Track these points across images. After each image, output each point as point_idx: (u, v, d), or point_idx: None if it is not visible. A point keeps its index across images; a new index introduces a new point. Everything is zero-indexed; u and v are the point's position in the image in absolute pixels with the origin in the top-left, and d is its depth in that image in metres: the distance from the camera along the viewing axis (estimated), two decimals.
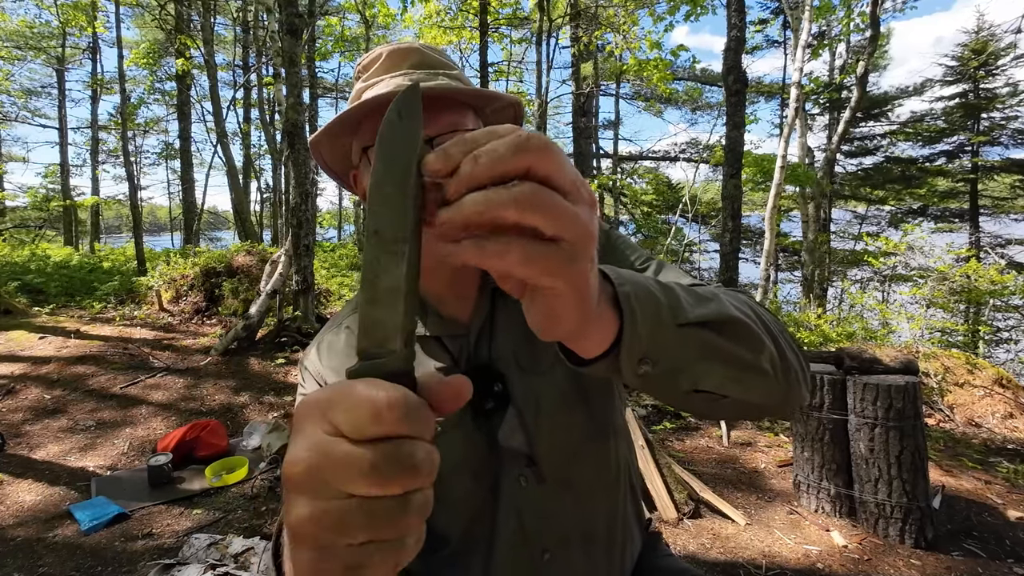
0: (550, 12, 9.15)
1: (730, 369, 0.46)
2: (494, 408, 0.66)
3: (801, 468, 2.61)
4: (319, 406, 0.26)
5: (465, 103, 0.66)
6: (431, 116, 0.61)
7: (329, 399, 0.26)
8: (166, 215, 27.57)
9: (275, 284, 5.39)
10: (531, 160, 0.27)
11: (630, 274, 0.42)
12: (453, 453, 0.65)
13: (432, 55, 0.69)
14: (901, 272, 8.77)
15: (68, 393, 4.13)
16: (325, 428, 0.26)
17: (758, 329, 0.48)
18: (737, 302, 0.50)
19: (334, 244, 17.48)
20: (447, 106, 0.63)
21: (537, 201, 0.27)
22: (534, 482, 0.66)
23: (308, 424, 0.26)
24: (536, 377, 0.68)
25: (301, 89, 5.51)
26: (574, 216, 0.28)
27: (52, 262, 8.86)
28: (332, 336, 0.76)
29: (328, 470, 0.25)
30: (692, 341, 0.43)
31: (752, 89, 15.92)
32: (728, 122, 4.83)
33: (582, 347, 0.40)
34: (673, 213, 15.52)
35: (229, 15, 15.00)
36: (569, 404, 0.68)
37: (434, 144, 0.60)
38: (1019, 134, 13.30)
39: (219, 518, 2.60)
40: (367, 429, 0.25)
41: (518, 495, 0.67)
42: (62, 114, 15.94)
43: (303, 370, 0.76)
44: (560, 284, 0.30)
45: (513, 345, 0.69)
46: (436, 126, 0.62)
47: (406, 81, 0.64)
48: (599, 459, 0.71)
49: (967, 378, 4.49)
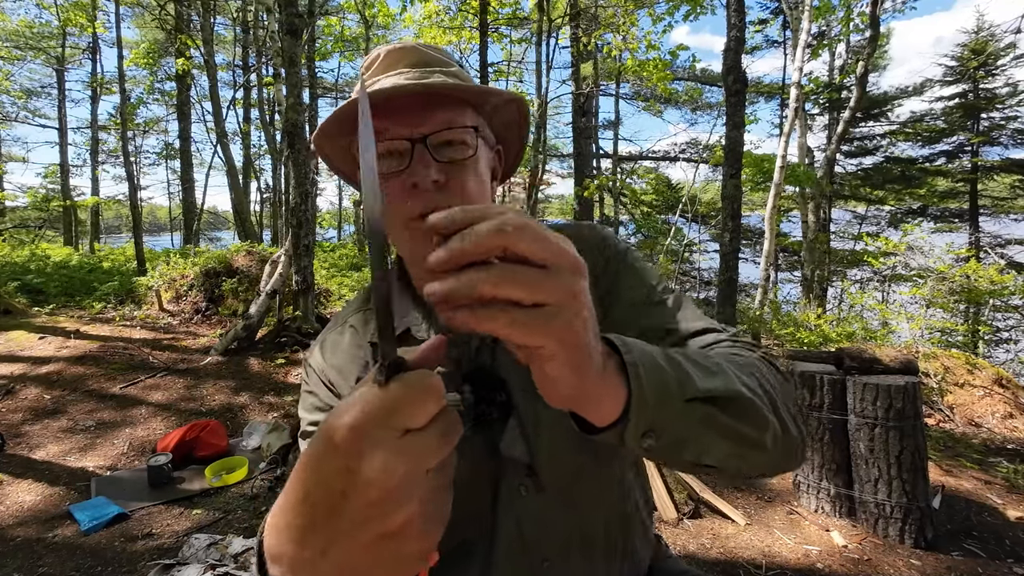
0: (550, 12, 9.15)
1: (734, 446, 0.47)
2: (496, 416, 0.65)
3: (801, 468, 2.61)
4: (374, 419, 0.30)
5: (463, 100, 0.65)
6: (424, 114, 0.61)
7: (382, 409, 0.30)
8: (166, 215, 27.56)
9: (275, 284, 5.39)
10: (507, 241, 0.31)
11: (637, 344, 0.43)
12: (452, 457, 0.64)
13: (429, 53, 0.69)
14: (901, 272, 8.76)
15: (68, 393, 4.13)
16: (395, 434, 0.30)
17: (764, 404, 0.49)
18: (744, 372, 0.50)
19: (334, 244, 17.48)
20: (440, 103, 0.62)
21: (509, 278, 0.30)
22: (534, 491, 0.66)
23: (373, 439, 0.29)
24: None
25: (301, 89, 5.51)
26: (550, 284, 0.32)
27: (52, 262, 8.86)
28: (336, 335, 0.75)
29: (419, 466, 0.30)
30: (698, 416, 0.44)
31: (752, 89, 15.93)
32: (728, 122, 4.83)
33: (593, 414, 0.41)
34: (673, 213, 15.51)
35: (229, 15, 14.99)
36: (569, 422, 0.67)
37: (427, 142, 0.60)
38: (1019, 134, 13.29)
39: (219, 518, 2.60)
40: (427, 414, 0.30)
41: (518, 504, 0.66)
42: (62, 114, 15.93)
43: (307, 368, 0.76)
44: (549, 343, 0.33)
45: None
46: (430, 123, 0.61)
47: (401, 80, 0.63)
48: (601, 477, 0.70)
49: (967, 378, 4.49)
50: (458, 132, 0.62)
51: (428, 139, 0.60)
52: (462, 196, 0.62)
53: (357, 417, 0.30)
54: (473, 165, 0.63)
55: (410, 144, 0.60)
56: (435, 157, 0.61)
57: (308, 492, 0.31)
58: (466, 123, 0.63)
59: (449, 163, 0.61)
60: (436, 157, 0.61)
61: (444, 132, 0.61)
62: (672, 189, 18.20)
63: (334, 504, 0.30)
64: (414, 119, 0.61)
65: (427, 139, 0.60)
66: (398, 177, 0.61)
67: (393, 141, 0.61)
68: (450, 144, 0.62)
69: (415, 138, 0.60)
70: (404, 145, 0.61)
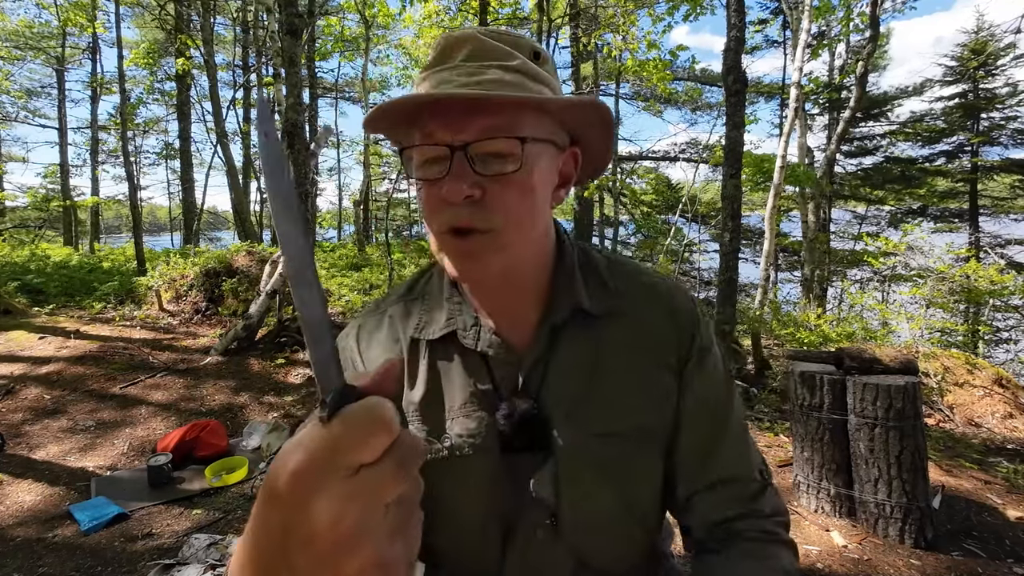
0: (550, 12, 9.15)
1: None
2: (529, 450, 0.62)
3: (801, 468, 2.61)
4: (318, 463, 0.26)
5: (520, 102, 0.56)
6: (468, 119, 0.55)
7: (325, 449, 0.26)
8: (166, 215, 27.55)
9: (275, 284, 5.39)
10: None
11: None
12: (471, 477, 0.63)
13: (489, 42, 0.60)
14: (901, 272, 8.76)
15: (68, 393, 4.13)
16: (344, 473, 0.26)
17: None
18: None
19: (334, 244, 17.47)
20: (488, 107, 0.55)
21: None
22: (550, 537, 0.64)
23: (317, 485, 0.26)
24: (584, 436, 0.63)
25: (301, 89, 5.50)
26: None
27: (52, 262, 8.85)
28: (374, 322, 0.72)
29: (374, 505, 0.27)
30: None
31: (752, 89, 15.92)
32: (728, 122, 4.83)
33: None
34: (673, 213, 15.52)
35: (229, 15, 15.00)
36: (605, 478, 0.64)
37: (468, 151, 0.55)
38: (1019, 134, 13.29)
39: (219, 518, 2.60)
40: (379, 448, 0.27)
41: (530, 544, 0.64)
42: (62, 114, 15.92)
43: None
44: None
45: (568, 394, 0.64)
46: (473, 130, 0.55)
47: (452, 76, 0.57)
48: (621, 542, 0.68)
49: (967, 378, 4.50)
50: (503, 143, 0.56)
51: (469, 148, 0.55)
52: (502, 212, 0.57)
53: (299, 462, 0.26)
54: (520, 179, 0.57)
55: (450, 152, 0.55)
56: (474, 168, 0.55)
57: (257, 541, 0.29)
58: (516, 132, 0.56)
59: (490, 176, 0.56)
60: (476, 169, 0.55)
61: (487, 142, 0.55)
62: (672, 189, 18.22)
63: (282, 557, 0.27)
64: (457, 123, 0.55)
65: (468, 148, 0.55)
66: (435, 186, 0.57)
67: (434, 147, 0.56)
68: (494, 155, 0.56)
69: (455, 145, 0.55)
70: (444, 152, 0.56)
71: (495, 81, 0.56)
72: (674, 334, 0.68)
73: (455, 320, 0.67)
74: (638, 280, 0.71)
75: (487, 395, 0.64)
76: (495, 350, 0.65)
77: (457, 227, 0.57)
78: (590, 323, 0.66)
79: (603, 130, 0.65)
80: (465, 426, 0.64)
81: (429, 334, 0.67)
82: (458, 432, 0.64)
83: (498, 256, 0.59)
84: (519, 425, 0.62)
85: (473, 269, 0.61)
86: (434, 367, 0.67)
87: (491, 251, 0.58)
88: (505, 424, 0.62)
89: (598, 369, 0.65)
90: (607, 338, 0.66)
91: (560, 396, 0.64)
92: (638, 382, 0.66)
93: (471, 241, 0.57)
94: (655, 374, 0.66)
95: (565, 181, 0.66)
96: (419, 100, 0.55)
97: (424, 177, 0.58)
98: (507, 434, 0.62)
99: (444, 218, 0.57)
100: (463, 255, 0.59)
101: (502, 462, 0.63)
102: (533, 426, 0.62)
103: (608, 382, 0.65)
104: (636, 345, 0.66)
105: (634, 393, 0.65)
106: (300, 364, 4.76)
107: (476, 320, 0.66)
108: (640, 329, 0.67)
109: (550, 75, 0.63)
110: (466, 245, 0.58)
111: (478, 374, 0.65)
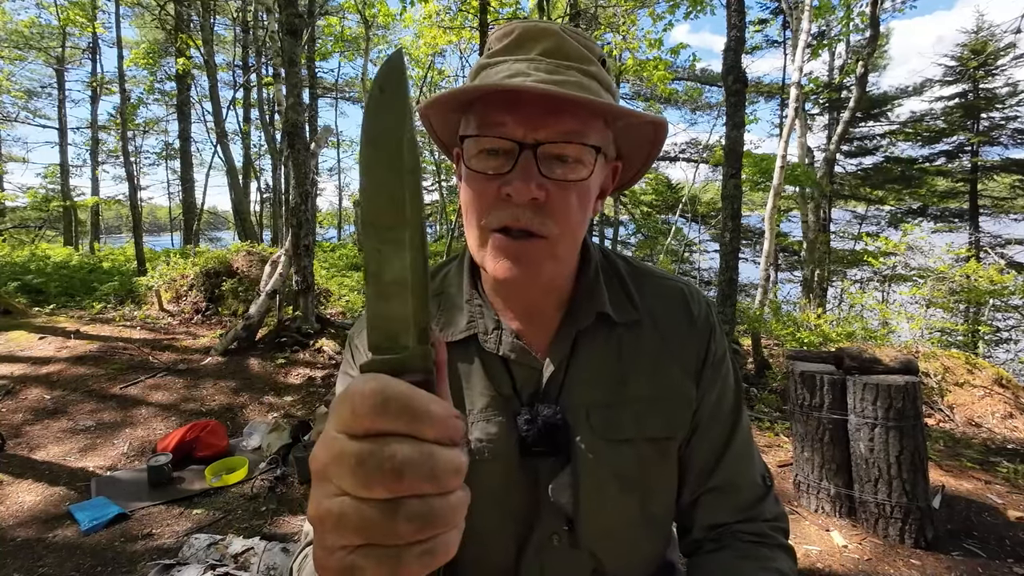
0: (550, 12, 9.15)
1: None
2: (547, 455, 0.62)
3: (801, 468, 2.61)
4: (336, 401, 0.27)
5: (595, 111, 0.55)
6: (546, 117, 0.53)
7: (340, 394, 0.27)
8: (166, 215, 27.55)
9: (275, 284, 5.39)
10: None
11: None
12: (489, 481, 0.62)
13: (571, 41, 0.58)
14: (901, 272, 8.77)
15: (68, 393, 4.12)
16: (332, 423, 0.27)
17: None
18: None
19: (334, 244, 17.50)
20: (568, 109, 0.53)
21: None
22: (567, 544, 0.63)
23: (329, 418, 0.27)
24: (604, 443, 0.62)
25: (301, 89, 5.50)
26: None
27: (52, 262, 8.85)
28: None
29: (330, 466, 0.26)
30: None
31: (752, 89, 15.92)
32: (728, 122, 4.83)
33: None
34: (673, 213, 15.52)
35: (229, 15, 14.99)
36: (626, 485, 0.63)
37: (537, 152, 0.53)
38: (1019, 134, 13.30)
39: (219, 518, 2.60)
40: (352, 424, 0.25)
41: (547, 552, 0.63)
42: (62, 114, 15.92)
43: (351, 346, 0.71)
44: None
45: (590, 399, 0.63)
46: (549, 130, 0.53)
47: (529, 69, 0.55)
48: (637, 550, 0.68)
49: (967, 378, 4.50)
50: (577, 149, 0.54)
51: (540, 147, 0.53)
52: (561, 220, 0.55)
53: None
54: (582, 188, 0.56)
55: (518, 148, 0.53)
56: (541, 170, 0.53)
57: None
58: (590, 140, 0.55)
59: (554, 180, 0.54)
60: (542, 170, 0.53)
61: (561, 145, 0.53)
62: (672, 189, 18.21)
63: None
64: (535, 120, 0.53)
65: (539, 147, 0.53)
66: (495, 180, 0.54)
67: (501, 140, 0.54)
68: (563, 160, 0.54)
69: (527, 143, 0.53)
70: (511, 146, 0.53)
71: (577, 84, 0.54)
72: (694, 341, 0.68)
73: (476, 323, 0.65)
74: (659, 287, 0.71)
75: (508, 400, 0.64)
76: (517, 354, 0.64)
77: (512, 227, 0.55)
78: (612, 329, 0.66)
79: (651, 150, 0.64)
80: (485, 431, 0.63)
81: (449, 336, 0.66)
82: (478, 436, 0.63)
83: (549, 264, 0.57)
84: (541, 431, 0.61)
85: (524, 274, 0.57)
86: (454, 369, 0.65)
87: (545, 258, 0.56)
88: (527, 430, 0.61)
89: (620, 376, 0.65)
90: (629, 345, 0.66)
91: (581, 402, 0.63)
92: (660, 389, 0.65)
93: (527, 245, 0.55)
94: (677, 381, 0.66)
95: (602, 194, 0.65)
96: (524, 88, 0.51)
97: (482, 170, 0.55)
98: (527, 440, 0.61)
99: (501, 216, 0.55)
100: (515, 257, 0.56)
101: (520, 467, 0.62)
102: (555, 432, 0.61)
103: (630, 389, 0.64)
104: (658, 352, 0.66)
105: (656, 400, 0.65)
106: (300, 364, 4.76)
107: (498, 323, 0.65)
108: (662, 336, 0.67)
109: (613, 84, 0.62)
110: (521, 248, 0.55)
111: (499, 378, 0.64)
